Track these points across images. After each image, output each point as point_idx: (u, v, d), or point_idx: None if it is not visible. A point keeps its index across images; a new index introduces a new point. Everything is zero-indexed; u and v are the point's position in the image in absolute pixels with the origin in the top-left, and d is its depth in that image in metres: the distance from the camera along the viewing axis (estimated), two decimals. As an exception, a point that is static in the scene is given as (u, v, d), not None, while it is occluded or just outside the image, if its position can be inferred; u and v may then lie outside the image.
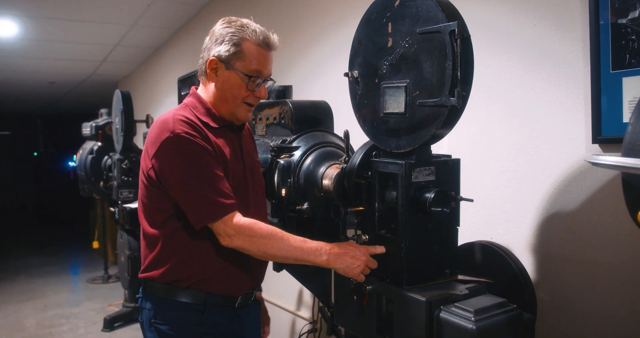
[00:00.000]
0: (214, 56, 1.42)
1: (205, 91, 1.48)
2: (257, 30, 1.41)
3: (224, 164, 1.41)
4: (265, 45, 1.41)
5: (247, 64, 1.40)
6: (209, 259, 1.41)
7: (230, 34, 1.40)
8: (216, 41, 1.42)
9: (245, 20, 1.44)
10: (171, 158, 1.34)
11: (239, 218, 1.34)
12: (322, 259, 1.29)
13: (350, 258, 1.28)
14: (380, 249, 1.28)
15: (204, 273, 1.42)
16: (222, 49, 1.40)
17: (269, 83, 1.49)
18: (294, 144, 1.69)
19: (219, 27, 1.43)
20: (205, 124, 1.42)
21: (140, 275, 1.50)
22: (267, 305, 1.81)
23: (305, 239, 1.33)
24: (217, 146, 1.40)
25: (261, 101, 1.90)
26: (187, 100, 1.49)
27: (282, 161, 1.65)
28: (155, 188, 1.39)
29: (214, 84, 1.45)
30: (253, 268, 1.50)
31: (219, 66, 1.42)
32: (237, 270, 1.45)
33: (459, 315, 1.12)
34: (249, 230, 1.33)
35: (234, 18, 1.45)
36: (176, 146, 1.33)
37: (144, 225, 1.47)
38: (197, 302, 1.42)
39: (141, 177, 1.45)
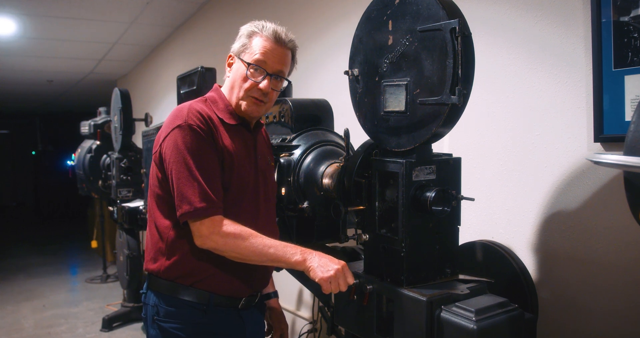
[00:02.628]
0: (231, 51, 1.48)
1: (224, 87, 1.52)
2: (268, 25, 1.44)
3: (229, 164, 1.40)
4: (273, 38, 1.43)
5: (251, 55, 1.42)
6: (214, 257, 1.39)
7: (245, 30, 1.46)
8: (236, 39, 1.48)
9: (265, 21, 1.46)
10: (177, 146, 1.35)
11: (217, 218, 1.33)
12: (296, 258, 1.26)
13: (327, 260, 1.26)
14: (351, 278, 1.26)
15: (210, 270, 1.41)
16: (237, 44, 1.47)
17: (285, 83, 1.49)
18: (294, 142, 1.68)
19: (241, 27, 1.49)
20: (222, 120, 1.43)
21: (146, 266, 1.48)
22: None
23: (279, 241, 1.32)
24: (224, 143, 1.40)
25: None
26: (208, 94, 1.51)
27: (282, 160, 1.64)
28: (164, 176, 1.40)
29: (229, 78, 1.50)
30: (258, 270, 1.48)
31: (233, 59, 1.48)
32: (242, 270, 1.44)
33: (460, 315, 1.12)
34: (223, 230, 1.31)
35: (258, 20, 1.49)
36: (185, 135, 1.34)
37: (157, 215, 1.44)
38: (200, 301, 1.41)
39: (152, 165, 1.45)
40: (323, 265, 1.24)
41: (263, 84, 1.42)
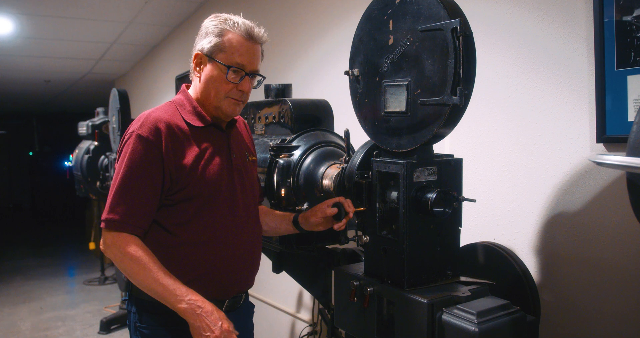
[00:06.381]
0: (198, 50, 1.41)
1: (194, 88, 1.47)
2: (240, 22, 1.38)
3: (189, 171, 1.37)
4: (248, 36, 1.38)
5: (229, 56, 1.37)
6: (194, 261, 1.39)
7: (213, 26, 1.39)
8: (201, 35, 1.41)
9: (230, 15, 1.42)
10: (123, 155, 1.35)
11: (123, 235, 1.33)
12: (181, 306, 1.28)
13: (206, 323, 1.27)
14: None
15: (192, 274, 1.38)
16: (205, 42, 1.39)
17: (258, 79, 1.46)
18: (294, 143, 1.67)
19: (205, 22, 1.43)
20: (189, 124, 1.40)
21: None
22: (266, 307, 1.78)
23: (176, 280, 1.31)
24: (186, 150, 1.37)
25: (261, 100, 1.89)
26: (175, 97, 1.48)
27: (281, 161, 1.63)
28: None
29: (198, 78, 1.43)
30: (240, 272, 1.47)
31: (202, 59, 1.41)
32: (223, 273, 1.42)
33: (461, 317, 1.11)
34: (124, 248, 1.31)
35: (221, 14, 1.43)
36: (129, 144, 1.35)
37: None
38: None
39: None
40: (201, 329, 1.27)
41: (244, 85, 1.40)
